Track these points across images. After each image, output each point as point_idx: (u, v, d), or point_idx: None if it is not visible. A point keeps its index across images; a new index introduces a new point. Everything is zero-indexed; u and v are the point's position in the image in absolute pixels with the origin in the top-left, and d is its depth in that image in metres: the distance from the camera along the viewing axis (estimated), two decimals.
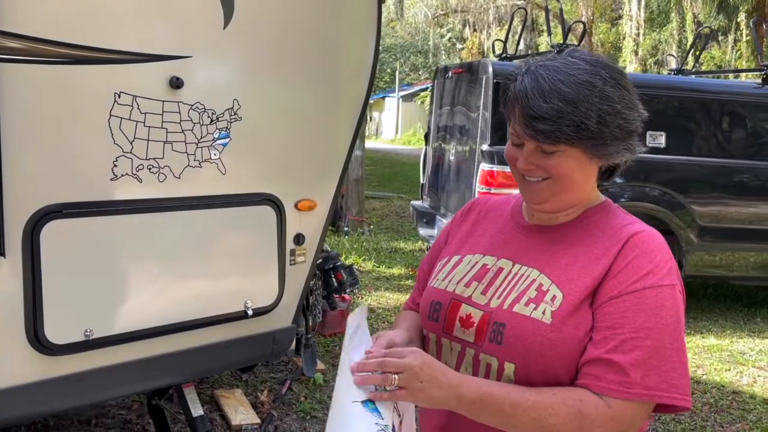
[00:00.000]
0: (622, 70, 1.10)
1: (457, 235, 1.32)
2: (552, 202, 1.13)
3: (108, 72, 2.03)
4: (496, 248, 1.22)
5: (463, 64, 6.36)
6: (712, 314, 5.82)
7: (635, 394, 1.02)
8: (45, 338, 2.00)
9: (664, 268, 1.08)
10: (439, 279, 1.24)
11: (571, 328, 1.06)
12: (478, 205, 1.34)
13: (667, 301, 1.06)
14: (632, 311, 1.04)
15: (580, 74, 1.04)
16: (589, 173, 1.13)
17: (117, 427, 3.22)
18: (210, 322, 2.40)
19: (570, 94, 1.03)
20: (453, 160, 5.90)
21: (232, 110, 2.32)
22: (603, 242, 1.12)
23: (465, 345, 1.15)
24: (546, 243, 1.17)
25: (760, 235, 5.41)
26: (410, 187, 12.17)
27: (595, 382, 1.03)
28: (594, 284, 1.08)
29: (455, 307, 1.18)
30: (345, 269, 4.07)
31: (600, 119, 1.03)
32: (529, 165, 1.10)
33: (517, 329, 1.09)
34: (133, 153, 2.11)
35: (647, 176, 5.18)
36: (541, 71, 1.06)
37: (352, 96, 2.67)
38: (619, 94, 1.06)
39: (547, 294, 1.09)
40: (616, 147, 1.08)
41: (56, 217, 1.99)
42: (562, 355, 1.06)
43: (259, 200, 2.48)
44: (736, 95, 5.49)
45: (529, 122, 1.05)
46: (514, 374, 1.09)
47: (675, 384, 1.03)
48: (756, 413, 3.85)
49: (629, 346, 1.02)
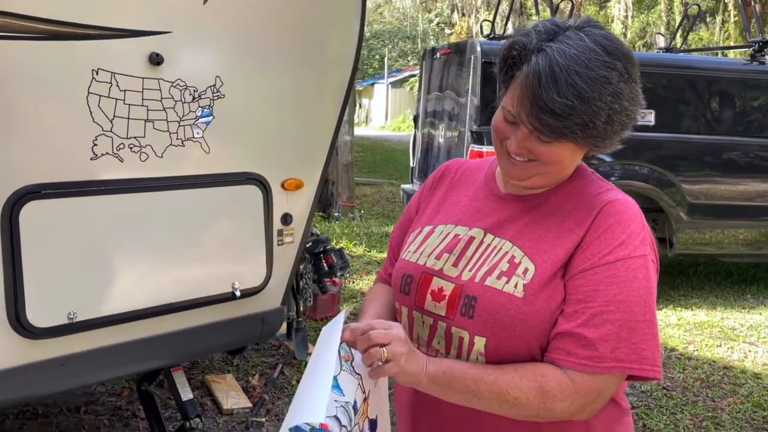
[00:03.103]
0: (635, 58, 1.04)
1: (429, 203, 1.28)
2: (535, 179, 1.11)
3: (85, 48, 1.97)
4: (469, 218, 1.19)
5: (451, 44, 6.31)
6: (703, 291, 5.84)
7: (605, 368, 1.01)
8: (27, 321, 1.96)
9: (636, 239, 1.06)
10: (411, 251, 1.21)
11: (542, 301, 1.05)
12: (451, 171, 1.31)
13: (639, 273, 1.04)
14: (604, 284, 1.03)
15: (598, 67, 0.98)
16: (578, 157, 1.11)
17: (107, 413, 3.19)
18: (197, 303, 2.36)
19: (585, 91, 0.97)
20: (442, 143, 5.86)
21: (214, 87, 2.27)
22: (577, 213, 1.09)
23: (437, 318, 1.14)
24: (520, 213, 1.14)
25: (750, 212, 5.42)
26: (400, 173, 12.13)
27: (565, 357, 1.03)
28: (566, 256, 1.06)
29: (426, 281, 1.16)
30: (335, 253, 4.04)
31: (608, 118, 1.00)
32: (521, 149, 1.06)
33: (488, 303, 1.07)
34: (113, 132, 2.06)
35: (637, 155, 5.17)
36: (556, 56, 0.98)
37: (336, 75, 2.62)
38: (630, 89, 1.02)
39: (519, 267, 1.08)
40: (612, 140, 1.06)
41: (35, 198, 1.94)
42: (533, 328, 1.05)
43: (244, 180, 2.44)
44: (724, 72, 5.48)
45: (536, 113, 1.00)
46: (485, 347, 1.07)
47: (645, 355, 1.02)
48: (747, 387, 3.88)
49: (600, 320, 1.01)
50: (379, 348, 1.01)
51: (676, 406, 3.61)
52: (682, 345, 4.51)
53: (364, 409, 1.09)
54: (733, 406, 3.64)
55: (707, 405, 3.65)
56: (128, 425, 3.11)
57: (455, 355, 1.11)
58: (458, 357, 1.11)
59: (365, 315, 1.26)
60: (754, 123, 5.44)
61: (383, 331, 1.02)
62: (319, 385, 0.99)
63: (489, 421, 1.09)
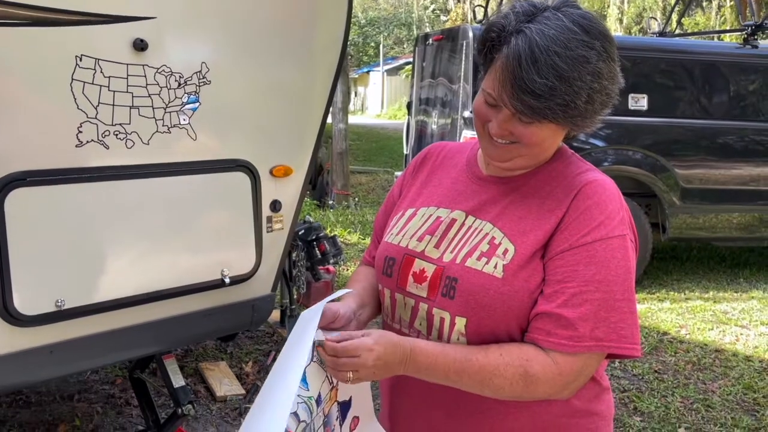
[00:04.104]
0: (612, 36, 1.05)
1: (412, 186, 1.29)
2: (516, 161, 1.11)
3: (68, 34, 1.96)
4: (451, 200, 1.20)
5: (444, 30, 6.29)
6: (696, 275, 5.86)
7: (585, 347, 1.03)
8: (15, 309, 1.96)
9: (615, 219, 1.06)
10: (393, 234, 1.22)
11: (522, 282, 1.06)
12: (433, 154, 1.31)
13: (617, 253, 1.05)
14: (583, 264, 1.04)
15: (577, 47, 0.98)
16: (559, 137, 1.11)
17: (100, 401, 3.20)
18: (186, 291, 2.36)
19: (565, 71, 0.97)
20: (436, 130, 5.85)
21: (200, 74, 2.26)
22: (557, 193, 1.10)
23: (418, 300, 1.14)
24: (501, 195, 1.15)
25: (743, 196, 5.43)
26: (395, 161, 12.13)
27: (545, 337, 1.04)
28: (546, 237, 1.07)
29: (408, 263, 1.16)
30: (328, 240, 4.04)
31: (588, 98, 1.00)
32: (503, 131, 1.06)
33: (468, 284, 1.08)
34: (98, 119, 2.05)
35: (630, 140, 5.17)
36: (536, 37, 0.99)
37: (325, 60, 2.61)
38: (609, 68, 1.02)
39: (499, 248, 1.08)
40: (592, 119, 1.06)
41: (20, 185, 1.94)
42: (513, 309, 1.06)
43: (232, 166, 2.43)
44: (717, 56, 5.47)
45: (517, 95, 1.00)
46: (465, 328, 1.08)
47: (624, 334, 1.04)
48: (738, 370, 3.90)
49: (579, 300, 1.02)
50: (344, 373, 1.02)
51: (668, 389, 3.64)
52: (674, 329, 4.53)
53: (330, 396, 1.10)
54: (724, 388, 3.66)
55: (698, 387, 3.67)
56: (121, 413, 3.12)
57: (436, 336, 1.12)
58: (439, 338, 1.12)
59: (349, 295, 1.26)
60: (748, 107, 5.44)
61: (349, 360, 1.02)
62: (283, 394, 0.98)
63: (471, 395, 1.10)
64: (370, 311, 1.25)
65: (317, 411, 1.05)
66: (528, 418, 1.12)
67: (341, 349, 1.02)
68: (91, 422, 3.01)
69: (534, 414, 1.11)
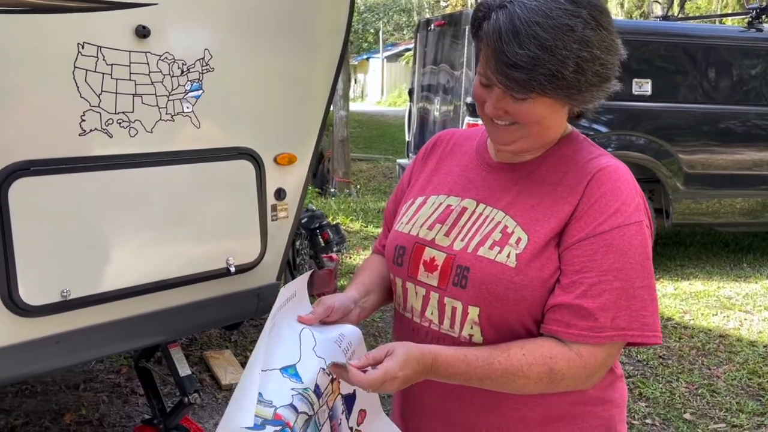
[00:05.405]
0: (604, 6, 1.02)
1: (421, 174, 1.27)
2: (520, 143, 1.09)
3: (69, 21, 1.93)
4: (461, 188, 1.18)
5: (445, 15, 6.24)
6: (699, 261, 5.86)
7: (607, 337, 1.01)
8: (20, 300, 1.95)
9: (631, 205, 1.04)
10: (403, 222, 1.21)
11: (535, 271, 1.04)
12: (443, 141, 1.29)
13: (635, 240, 1.03)
14: (600, 254, 1.02)
15: (560, 15, 0.96)
16: (561, 116, 1.08)
17: (106, 390, 3.21)
18: (191, 280, 2.35)
19: (547, 40, 0.95)
20: (438, 116, 5.82)
21: (203, 61, 2.24)
22: (569, 179, 1.08)
23: (429, 289, 1.13)
24: (511, 182, 1.13)
25: (747, 181, 5.41)
26: (396, 148, 12.09)
27: (565, 329, 1.02)
28: (560, 225, 1.05)
29: (419, 251, 1.15)
30: (331, 228, 4.03)
31: (577, 67, 0.97)
32: (497, 110, 1.05)
33: (481, 273, 1.06)
34: (101, 107, 2.03)
35: (633, 125, 5.14)
36: (517, 9, 0.97)
37: (328, 47, 2.58)
38: (599, 37, 0.98)
39: (511, 236, 1.07)
40: (591, 93, 1.03)
41: (24, 175, 1.92)
42: (526, 298, 1.04)
43: (236, 154, 2.41)
44: (721, 40, 5.43)
45: (501, 68, 0.98)
46: (478, 317, 1.07)
47: (646, 322, 1.03)
48: (743, 355, 3.90)
49: (598, 290, 1.01)
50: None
51: (672, 375, 3.64)
52: (678, 314, 4.53)
53: (333, 389, 1.08)
54: (728, 373, 3.67)
55: (703, 373, 3.67)
56: (127, 402, 3.13)
57: (448, 325, 1.11)
58: (451, 327, 1.11)
59: (354, 283, 1.26)
60: (751, 91, 5.41)
61: (368, 380, 0.98)
62: (253, 382, 0.96)
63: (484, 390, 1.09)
64: (375, 299, 1.24)
65: (319, 403, 1.03)
66: (543, 407, 1.11)
67: (367, 383, 0.98)
68: (97, 411, 3.02)
69: (548, 403, 1.10)
